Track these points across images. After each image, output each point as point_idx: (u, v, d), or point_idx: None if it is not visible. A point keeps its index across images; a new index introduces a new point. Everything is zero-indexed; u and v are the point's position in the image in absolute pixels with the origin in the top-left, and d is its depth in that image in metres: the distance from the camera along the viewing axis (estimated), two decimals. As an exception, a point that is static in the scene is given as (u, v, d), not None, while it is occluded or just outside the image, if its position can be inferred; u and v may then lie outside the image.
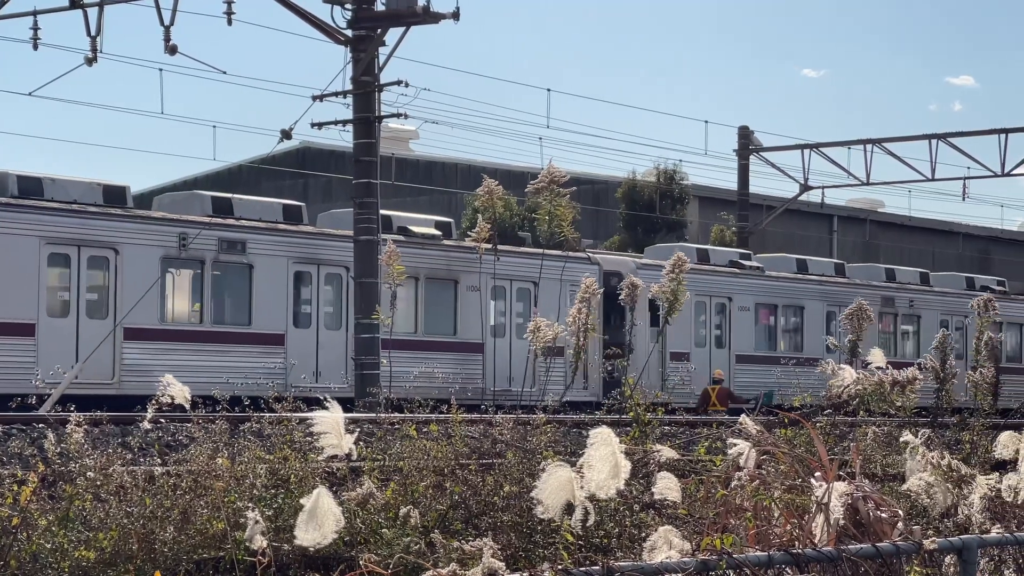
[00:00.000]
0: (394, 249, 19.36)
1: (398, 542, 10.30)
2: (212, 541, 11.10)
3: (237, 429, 13.43)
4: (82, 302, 30.76)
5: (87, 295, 30.91)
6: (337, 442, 9.86)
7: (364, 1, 31.10)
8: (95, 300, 31.09)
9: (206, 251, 32.44)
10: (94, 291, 31.09)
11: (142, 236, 31.48)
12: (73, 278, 30.79)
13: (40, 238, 30.13)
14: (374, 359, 30.73)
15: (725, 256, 45.33)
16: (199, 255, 32.35)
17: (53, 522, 10.79)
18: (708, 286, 42.32)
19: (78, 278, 30.79)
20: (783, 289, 45.22)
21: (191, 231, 31.79)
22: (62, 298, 30.75)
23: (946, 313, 49.33)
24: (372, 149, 31.63)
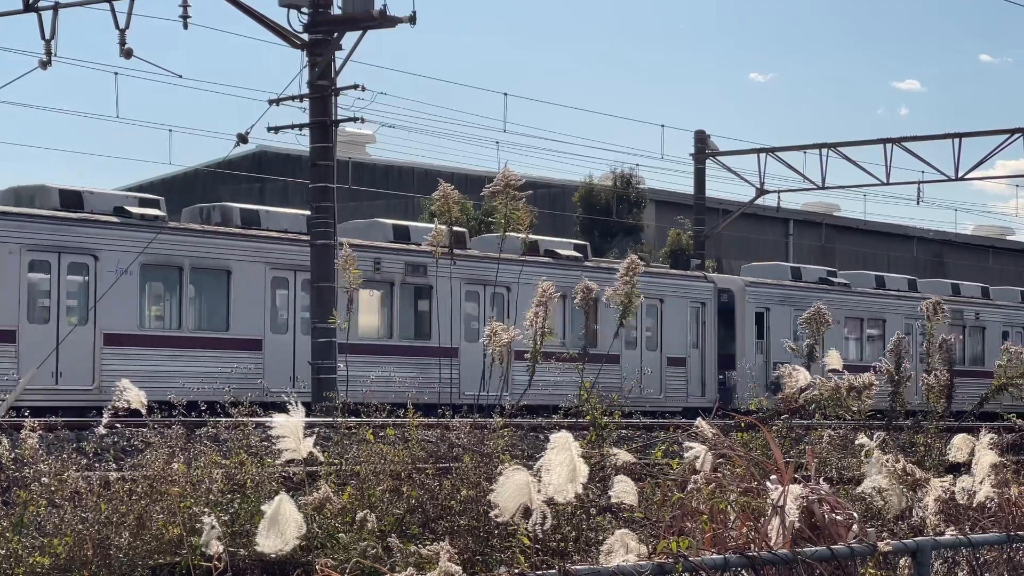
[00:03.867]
0: (350, 254, 19.36)
1: (355, 546, 10.29)
2: (168, 547, 11.05)
3: (193, 434, 13.38)
4: (299, 320, 35.23)
5: (301, 314, 35.22)
6: (295, 446, 9.86)
7: (320, 5, 31.05)
8: (307, 318, 34.25)
9: (394, 273, 37.05)
10: (307, 310, 34.47)
11: None
12: (290, 299, 35.72)
13: (265, 264, 34.91)
14: (331, 363, 30.75)
15: (815, 273, 50.18)
16: (389, 277, 36.95)
17: (7, 528, 10.74)
18: (803, 302, 46.04)
19: (294, 299, 35.65)
20: (867, 304, 49.72)
21: (383, 256, 36.27)
22: (283, 317, 35.59)
23: (1007, 324, 53.76)
24: (329, 153, 31.59)
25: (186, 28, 30.28)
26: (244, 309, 34.71)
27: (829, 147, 51.20)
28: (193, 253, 33.87)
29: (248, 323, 34.74)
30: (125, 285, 32.71)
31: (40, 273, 32.01)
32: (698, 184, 54.23)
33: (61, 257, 32.13)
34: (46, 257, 31.93)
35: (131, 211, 33.69)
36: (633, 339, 42.62)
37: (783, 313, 46.73)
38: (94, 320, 32.40)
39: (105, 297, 32.28)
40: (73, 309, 32.67)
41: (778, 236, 73.12)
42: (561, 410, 16.93)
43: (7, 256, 31.11)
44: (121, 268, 32.50)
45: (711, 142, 54.10)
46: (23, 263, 31.47)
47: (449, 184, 18.38)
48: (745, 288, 44.91)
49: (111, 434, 15.89)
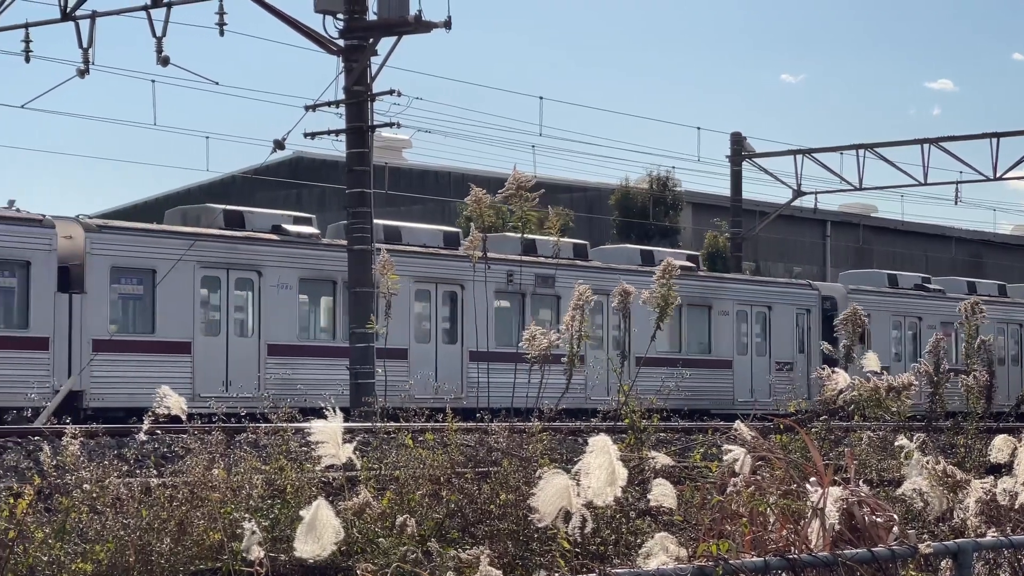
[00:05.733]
0: (388, 259, 19.40)
1: (395, 551, 10.30)
2: (209, 552, 11.09)
3: (233, 440, 13.43)
4: (439, 331, 37.92)
5: (441, 324, 38.04)
6: (335, 451, 9.89)
7: (356, 11, 31.11)
8: (448, 328, 37.96)
9: (526, 284, 39.05)
10: (446, 320, 38.04)
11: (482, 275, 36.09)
12: (432, 310, 38.12)
13: (410, 277, 36.10)
14: (369, 368, 30.82)
15: (910, 280, 51.94)
16: (522, 288, 38.97)
17: (49, 535, 10.78)
18: (901, 307, 49.40)
19: (436, 310, 38.09)
20: None
21: (515, 269, 37.41)
22: (425, 327, 37.99)
23: None
24: (365, 158, 31.65)
25: (222, 35, 30.45)
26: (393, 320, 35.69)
27: (866, 148, 51.06)
28: (344, 268, 34.63)
29: (396, 334, 35.89)
30: (285, 299, 34.88)
31: (211, 289, 34.11)
32: (735, 186, 54.14)
33: (229, 273, 34.22)
34: (216, 273, 33.98)
35: (288, 229, 35.78)
36: (744, 345, 45.30)
37: (882, 319, 48.41)
38: (259, 332, 34.35)
39: (268, 310, 34.49)
40: (240, 322, 34.66)
41: (815, 237, 72.89)
42: (600, 413, 16.93)
43: (182, 272, 33.04)
44: (282, 283, 34.73)
45: (747, 144, 54.00)
46: (196, 279, 33.44)
47: (482, 188, 18.35)
48: (847, 295, 46.25)
49: (151, 440, 16.00)
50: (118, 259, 32.30)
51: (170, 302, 33.04)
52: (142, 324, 33.24)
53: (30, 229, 31.30)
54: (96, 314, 31.71)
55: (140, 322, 33.31)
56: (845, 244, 74.44)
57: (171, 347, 32.90)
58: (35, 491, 10.95)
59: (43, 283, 31.12)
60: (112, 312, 32.36)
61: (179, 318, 33.18)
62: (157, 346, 32.80)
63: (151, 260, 32.61)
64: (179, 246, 33.14)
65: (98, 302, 31.85)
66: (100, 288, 31.96)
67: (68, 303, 31.41)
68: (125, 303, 33.15)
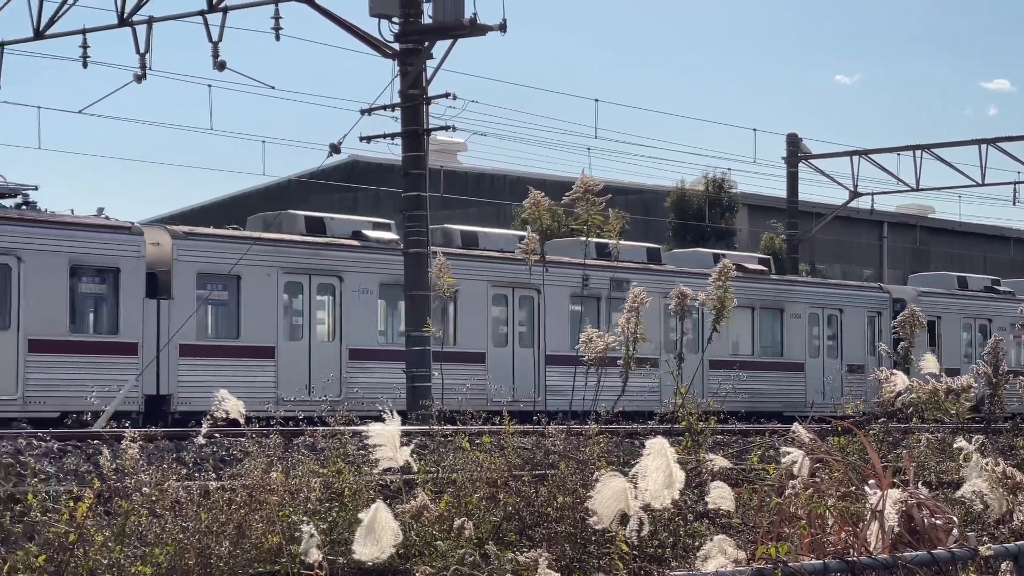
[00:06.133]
0: (444, 262, 19.40)
1: (453, 554, 10.31)
2: (267, 555, 11.13)
3: (291, 443, 13.47)
4: (515, 334, 38.43)
5: (518, 328, 38.54)
6: (392, 454, 9.91)
7: (411, 15, 31.15)
8: (524, 332, 38.56)
9: (601, 288, 39.36)
10: (523, 324, 38.63)
11: (558, 279, 37.80)
12: (510, 314, 38.59)
13: (487, 282, 37.60)
14: (425, 372, 30.85)
15: (980, 282, 52.61)
16: (597, 292, 39.31)
17: (109, 538, 10.85)
18: (970, 310, 50.10)
19: (513, 314, 38.61)
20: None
21: (591, 273, 38.12)
22: (502, 331, 38.36)
23: None
24: (421, 162, 31.68)
25: (278, 40, 30.52)
26: (470, 325, 37.24)
27: (923, 148, 50.76)
28: None
29: (473, 338, 37.31)
30: (366, 304, 35.52)
31: (293, 294, 34.80)
32: (791, 187, 53.92)
33: (312, 279, 34.81)
34: (299, 279, 34.60)
35: (368, 235, 36.26)
36: (816, 348, 45.85)
37: (953, 321, 49.32)
38: (340, 337, 35.00)
39: (349, 315, 35.07)
40: (322, 327, 35.34)
41: (872, 239, 72.53)
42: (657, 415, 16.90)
43: (265, 278, 33.74)
44: (363, 288, 35.39)
45: (803, 145, 53.78)
46: (280, 285, 34.12)
47: (539, 191, 18.31)
48: (917, 297, 46.81)
49: (210, 444, 16.07)
50: (204, 265, 32.89)
51: (254, 307, 33.72)
52: (227, 329, 33.94)
53: (119, 236, 31.95)
54: (183, 319, 32.31)
55: (225, 327, 33.99)
56: (902, 245, 74.04)
57: (255, 352, 33.62)
58: (95, 494, 11.03)
59: (132, 289, 31.78)
60: (198, 317, 32.99)
61: (263, 323, 33.83)
62: (242, 351, 33.51)
63: (236, 266, 33.11)
64: (263, 252, 33.73)
65: (185, 308, 32.43)
66: (187, 294, 32.58)
67: (156, 309, 32.07)
68: (211, 309, 33.83)
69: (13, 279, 30.33)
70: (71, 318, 31.33)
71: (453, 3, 30.71)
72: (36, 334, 30.42)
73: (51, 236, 30.98)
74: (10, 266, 30.35)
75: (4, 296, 30.36)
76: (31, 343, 30.30)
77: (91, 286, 31.84)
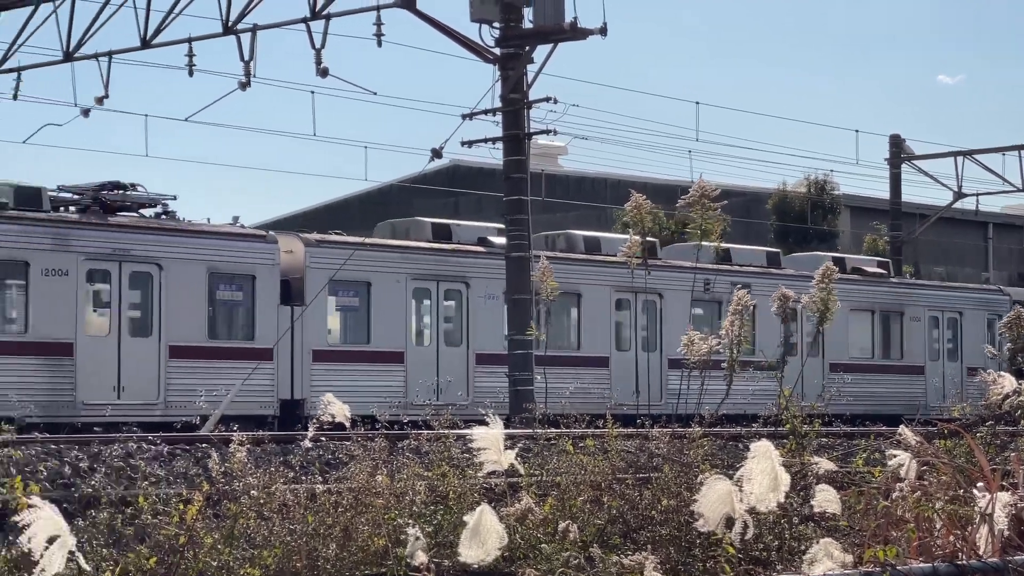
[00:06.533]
0: (547, 266, 19.45)
1: (557, 556, 10.33)
2: (374, 558, 11.20)
3: (396, 447, 13.56)
4: (638, 337, 38.90)
5: (640, 332, 39.04)
6: (497, 458, 9.96)
7: (512, 19, 31.24)
8: (645, 336, 39.15)
9: (723, 292, 38.33)
10: (644, 328, 39.07)
11: (678, 283, 38.19)
12: (631, 318, 39.13)
13: (610, 287, 38.08)
14: (528, 375, 30.92)
15: None
16: (718, 296, 38.61)
17: (218, 540, 10.96)
18: None
19: (635, 319, 39.08)
20: None
21: (711, 277, 37.71)
22: (626, 335, 39.00)
23: None
24: (522, 166, 31.76)
25: (380, 46, 30.70)
26: (593, 329, 37.93)
27: (1029, 148, 50.14)
28: None
29: (597, 342, 37.93)
30: (492, 309, 36.01)
31: (421, 300, 35.60)
32: (894, 189, 53.48)
33: (439, 285, 35.51)
34: (427, 285, 35.38)
35: (493, 241, 36.69)
36: (936, 351, 46.29)
37: None
38: (467, 341, 35.63)
39: (475, 320, 35.74)
40: (449, 332, 35.98)
41: (976, 240, 71.75)
42: (760, 418, 16.83)
43: (395, 284, 34.49)
44: (489, 294, 35.88)
45: (906, 146, 53.32)
46: (408, 291, 34.86)
47: (641, 194, 18.30)
48: None
49: (316, 447, 16.20)
50: (336, 272, 33.47)
51: (384, 313, 34.43)
52: (358, 335, 34.64)
53: (255, 244, 32.85)
54: (316, 325, 33.14)
55: (356, 333, 34.70)
56: (1008, 246, 73.19)
57: (385, 356, 34.30)
58: (204, 497, 11.15)
59: (267, 296, 32.52)
60: (330, 323, 33.82)
61: (392, 328, 34.52)
62: (372, 355, 34.17)
63: (366, 273, 33.90)
64: (392, 259, 34.58)
65: (317, 314, 33.25)
66: (319, 300, 33.31)
67: (290, 315, 32.75)
68: (342, 315, 34.65)
69: (154, 287, 31.13)
70: (209, 325, 32.01)
71: (554, 7, 30.76)
72: (176, 340, 31.16)
73: (190, 245, 31.84)
74: (151, 274, 31.16)
75: (146, 303, 31.21)
76: (171, 349, 31.04)
77: (228, 293, 32.58)
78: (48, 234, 30.05)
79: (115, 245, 30.81)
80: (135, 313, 31.40)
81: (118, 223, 31.28)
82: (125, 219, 31.57)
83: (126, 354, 30.68)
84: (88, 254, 30.50)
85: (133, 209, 32.12)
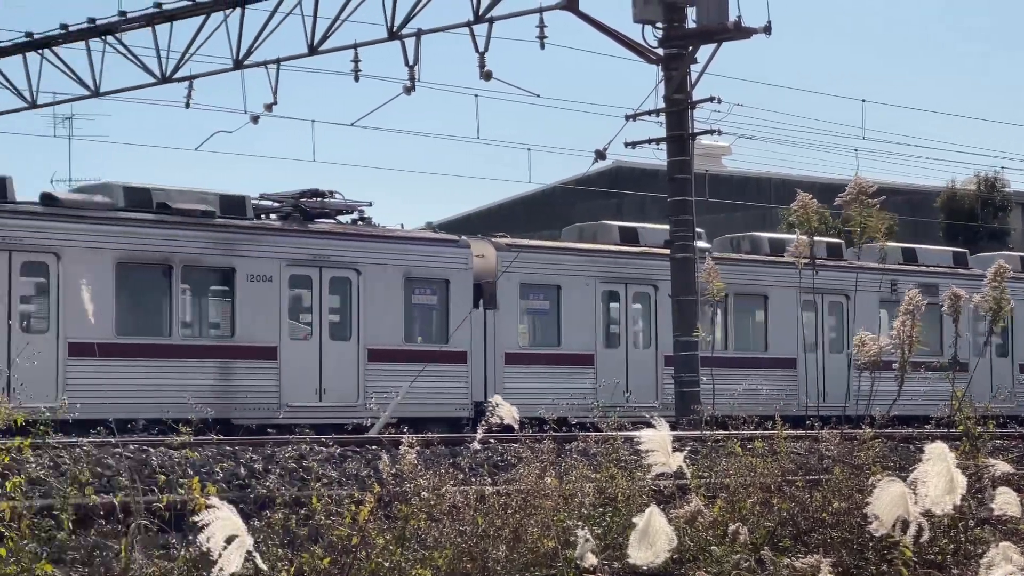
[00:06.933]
0: (713, 266, 19.38)
1: (728, 559, 10.29)
2: (543, 559, 11.23)
3: (563, 448, 13.58)
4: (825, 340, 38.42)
5: (828, 333, 38.35)
6: (665, 460, 9.94)
7: (675, 19, 31.14)
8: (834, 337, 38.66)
9: None
10: (833, 330, 38.64)
11: (864, 284, 38.31)
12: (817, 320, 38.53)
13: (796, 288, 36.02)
14: (694, 376, 30.82)
15: None
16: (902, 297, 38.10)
17: (390, 541, 11.07)
18: None
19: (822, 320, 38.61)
20: None
21: (898, 278, 37.94)
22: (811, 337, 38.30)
23: None
24: (686, 166, 31.65)
25: (543, 48, 30.75)
26: (780, 331, 38.03)
27: None
28: (733, 280, 36.26)
29: (785, 343, 37.98)
30: None
31: (610, 302, 35.91)
32: (1067, 185, 52.44)
33: (627, 287, 35.92)
34: (615, 288, 35.76)
35: None
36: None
37: None
38: (655, 344, 35.88)
39: (664, 323, 35.37)
40: (637, 334, 36.31)
41: None
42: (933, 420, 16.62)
43: (584, 287, 35.01)
44: None
45: (1080, 141, 52.26)
46: (598, 293, 35.34)
47: (808, 194, 18.12)
48: None
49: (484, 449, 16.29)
50: (526, 276, 34.19)
51: (574, 316, 34.87)
52: (548, 337, 35.12)
53: (448, 249, 33.54)
54: (507, 328, 33.82)
55: (546, 335, 35.22)
56: None
57: (575, 359, 34.74)
58: (375, 499, 11.26)
59: (461, 300, 33.13)
60: (522, 326, 34.45)
61: (582, 331, 34.92)
62: (563, 358, 34.61)
63: (556, 276, 34.54)
64: (581, 262, 35.08)
65: (509, 317, 33.93)
66: (511, 304, 33.97)
67: (483, 318, 33.44)
68: (532, 317, 35.20)
69: (353, 291, 31.90)
70: (405, 328, 32.68)
71: (717, 7, 30.60)
72: (374, 344, 31.86)
73: (386, 250, 32.58)
74: (350, 279, 31.93)
75: (345, 308, 32.01)
76: (370, 352, 31.77)
77: (423, 297, 33.22)
78: (252, 241, 30.91)
79: (316, 251, 31.61)
80: (335, 317, 32.18)
81: (318, 229, 32.06)
82: (325, 225, 32.37)
83: (327, 357, 31.46)
84: (290, 260, 31.29)
85: (331, 215, 32.87)
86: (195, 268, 30.39)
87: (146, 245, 29.65)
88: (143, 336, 29.67)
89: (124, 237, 29.43)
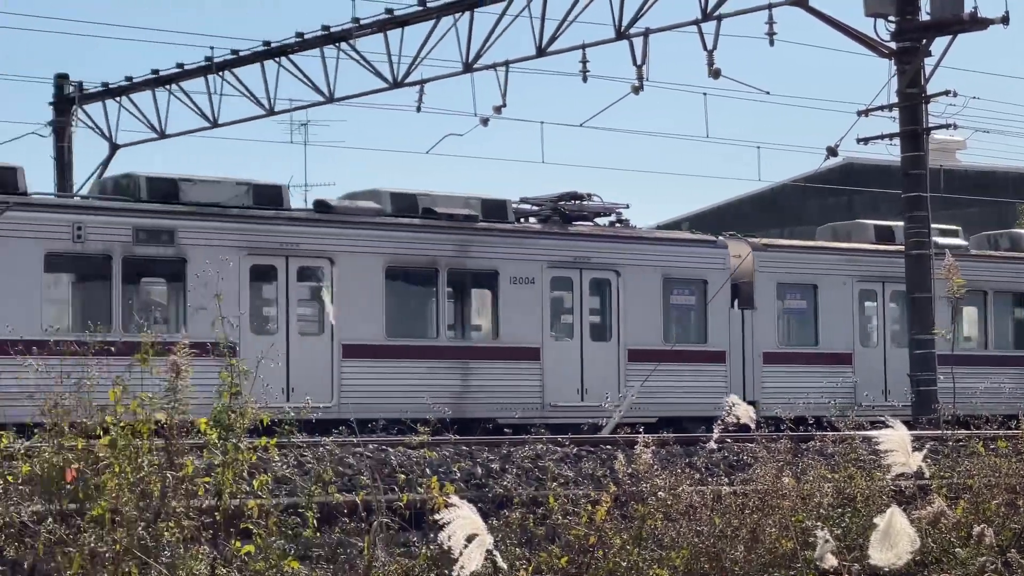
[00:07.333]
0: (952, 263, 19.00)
1: (972, 561, 10.11)
2: (781, 560, 11.16)
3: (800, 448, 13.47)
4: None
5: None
6: (904, 460, 9.78)
7: (908, 12, 30.62)
8: None
9: None
10: None
11: None
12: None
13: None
14: (931, 375, 30.26)
15: None
16: None
17: (627, 541, 11.09)
18: None
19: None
20: None
21: None
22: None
23: None
24: (920, 162, 31.10)
25: (772, 45, 30.51)
26: None
27: None
28: (991, 278, 36.51)
29: None
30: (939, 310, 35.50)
31: (867, 301, 35.95)
32: None
33: (884, 286, 35.73)
34: (872, 287, 35.71)
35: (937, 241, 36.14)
36: None
37: None
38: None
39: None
40: (896, 333, 35.89)
41: None
42: None
43: (841, 286, 35.06)
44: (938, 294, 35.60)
45: None
46: (855, 292, 35.34)
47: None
48: None
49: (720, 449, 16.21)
50: (783, 275, 34.42)
51: (830, 315, 34.94)
52: (805, 336, 35.19)
53: (706, 250, 33.88)
54: (765, 328, 33.95)
55: (803, 335, 35.27)
56: None
57: (832, 358, 34.80)
58: (612, 498, 11.30)
59: (718, 300, 33.39)
60: (779, 326, 34.56)
61: (839, 330, 34.96)
62: (820, 357, 34.68)
63: (813, 275, 34.69)
64: (837, 262, 35.13)
65: (766, 317, 34.09)
66: (768, 303, 34.18)
67: (741, 318, 33.67)
68: (789, 317, 35.28)
69: (612, 293, 32.33)
70: (664, 328, 32.95)
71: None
72: (634, 344, 32.26)
73: (645, 251, 32.99)
74: (610, 280, 32.39)
75: (605, 309, 32.47)
76: (630, 353, 32.19)
77: (681, 298, 33.49)
78: (514, 244, 31.45)
79: (576, 253, 32.02)
80: (595, 318, 32.58)
81: (578, 232, 32.49)
82: (584, 228, 32.79)
83: (588, 358, 31.90)
84: (551, 262, 31.74)
85: (589, 218, 33.23)
86: (459, 271, 30.98)
87: (413, 249, 30.31)
88: (412, 338, 30.33)
89: (393, 242, 30.13)
